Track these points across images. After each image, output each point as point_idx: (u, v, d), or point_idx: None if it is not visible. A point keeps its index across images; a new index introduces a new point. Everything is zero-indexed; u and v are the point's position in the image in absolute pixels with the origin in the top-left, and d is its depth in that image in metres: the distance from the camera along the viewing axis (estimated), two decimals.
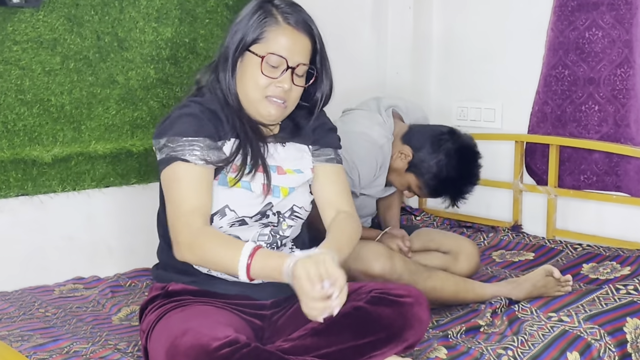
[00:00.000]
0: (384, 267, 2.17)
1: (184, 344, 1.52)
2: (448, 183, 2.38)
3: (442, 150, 2.35)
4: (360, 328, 1.63)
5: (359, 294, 1.69)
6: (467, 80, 3.28)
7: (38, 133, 2.43)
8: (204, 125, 1.70)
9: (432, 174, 2.36)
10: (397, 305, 1.66)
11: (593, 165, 2.86)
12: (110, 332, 2.04)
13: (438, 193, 2.43)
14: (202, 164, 1.67)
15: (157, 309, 1.75)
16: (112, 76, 2.56)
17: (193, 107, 1.72)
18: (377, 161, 2.37)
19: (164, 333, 1.62)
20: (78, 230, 2.56)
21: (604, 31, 2.78)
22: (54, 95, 2.45)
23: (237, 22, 1.76)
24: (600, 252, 2.67)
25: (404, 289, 1.71)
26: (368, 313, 1.64)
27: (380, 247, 2.24)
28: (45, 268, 2.48)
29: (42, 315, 2.15)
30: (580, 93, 2.86)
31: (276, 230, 1.79)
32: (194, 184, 1.66)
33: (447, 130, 2.41)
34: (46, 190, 2.47)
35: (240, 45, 1.73)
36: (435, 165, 2.35)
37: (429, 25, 3.37)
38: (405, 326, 1.66)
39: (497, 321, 2.05)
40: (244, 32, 1.73)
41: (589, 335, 1.94)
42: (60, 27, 2.43)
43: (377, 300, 1.67)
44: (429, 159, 2.36)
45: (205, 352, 1.49)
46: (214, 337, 1.51)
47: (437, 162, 2.35)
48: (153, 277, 1.87)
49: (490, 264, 2.70)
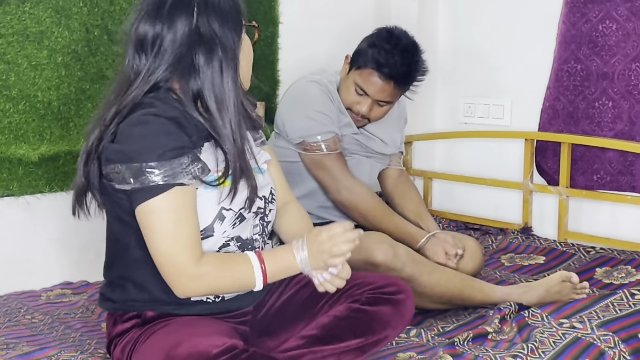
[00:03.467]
0: (386, 255, 2.18)
1: (180, 354, 1.52)
2: (385, 47, 2.43)
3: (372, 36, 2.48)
4: (360, 328, 1.71)
5: (351, 295, 1.77)
6: (475, 76, 3.28)
7: (24, 131, 2.43)
8: (180, 138, 1.59)
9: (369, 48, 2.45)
10: (393, 302, 1.76)
11: (607, 165, 2.86)
12: (100, 339, 2.03)
13: (359, 59, 2.47)
14: (196, 183, 1.61)
15: (133, 333, 1.71)
16: (101, 71, 2.56)
17: (156, 122, 1.58)
18: (326, 94, 2.45)
19: (152, 348, 1.61)
20: (66, 232, 2.55)
21: (618, 24, 2.78)
22: (40, 91, 2.45)
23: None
24: (614, 255, 2.66)
25: (395, 285, 1.80)
26: (367, 313, 1.73)
27: (382, 235, 2.25)
28: (32, 272, 2.48)
29: (28, 322, 2.15)
30: (594, 89, 2.86)
31: (262, 217, 1.79)
32: (192, 210, 1.61)
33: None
34: (33, 190, 2.46)
35: (240, 20, 1.71)
36: (367, 45, 2.46)
37: (435, 18, 3.37)
38: (402, 321, 1.78)
39: (505, 328, 2.05)
40: (233, 3, 1.70)
41: (603, 343, 1.93)
42: (47, 19, 2.43)
43: (374, 300, 1.75)
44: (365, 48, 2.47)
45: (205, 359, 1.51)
46: (212, 344, 1.53)
47: (368, 42, 2.47)
48: (110, 307, 1.75)
49: (499, 268, 2.70)
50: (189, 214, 1.60)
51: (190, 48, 1.63)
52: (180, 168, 1.58)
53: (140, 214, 1.60)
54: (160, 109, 1.61)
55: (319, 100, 2.45)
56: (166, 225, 1.58)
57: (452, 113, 3.36)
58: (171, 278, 1.61)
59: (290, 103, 2.50)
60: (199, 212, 1.63)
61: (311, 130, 2.42)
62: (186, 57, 1.63)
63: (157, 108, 1.61)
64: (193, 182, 1.60)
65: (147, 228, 1.60)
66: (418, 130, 3.35)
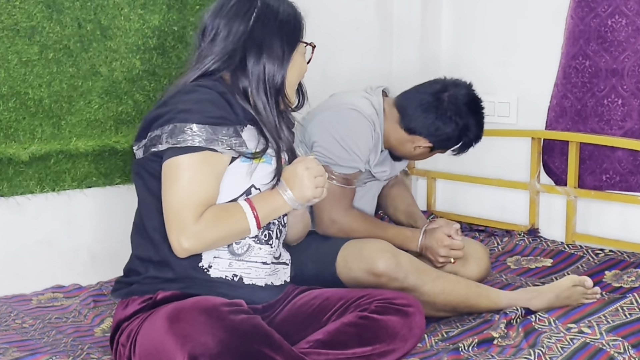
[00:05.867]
0: (388, 265, 2.18)
1: (188, 302, 1.69)
2: (458, 129, 2.45)
3: (443, 109, 2.44)
4: (367, 336, 1.78)
5: (360, 305, 1.85)
6: (479, 72, 3.27)
7: (14, 129, 2.43)
8: (226, 111, 1.80)
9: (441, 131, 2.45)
10: (402, 314, 1.85)
11: (616, 164, 2.86)
12: (92, 344, 2.03)
13: (449, 144, 2.50)
14: (228, 152, 1.78)
15: (139, 318, 1.79)
16: (94, 67, 2.56)
17: (207, 93, 1.80)
18: (370, 131, 2.41)
19: (158, 312, 1.72)
20: (57, 234, 2.55)
21: (628, 18, 2.78)
22: (31, 88, 2.44)
23: (280, 13, 1.89)
24: (623, 258, 2.66)
25: (405, 299, 1.90)
26: (376, 321, 1.81)
27: (384, 244, 2.25)
28: (22, 276, 2.48)
29: (18, 327, 2.15)
30: (603, 85, 2.86)
31: None
32: (212, 176, 1.77)
33: (439, 89, 2.49)
34: (23, 191, 2.46)
35: (296, 36, 1.90)
36: (440, 123, 2.44)
37: (438, 12, 3.37)
38: (410, 335, 1.85)
39: (512, 333, 2.05)
40: (295, 21, 1.91)
41: (612, 348, 1.94)
42: (38, 14, 2.43)
43: (382, 309, 1.83)
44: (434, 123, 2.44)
45: (213, 306, 1.66)
46: (217, 299, 1.72)
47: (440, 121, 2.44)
48: (126, 293, 1.87)
49: (505, 271, 2.70)
50: (209, 179, 1.77)
51: (242, 47, 1.85)
52: (217, 136, 1.76)
53: (165, 168, 1.78)
54: (211, 84, 1.82)
55: (359, 135, 2.39)
56: (182, 182, 1.75)
57: None
58: (173, 234, 1.75)
59: (329, 125, 2.40)
60: (230, 184, 1.81)
61: (339, 161, 2.37)
62: (236, 55, 1.85)
63: (207, 84, 1.82)
64: (227, 151, 1.77)
65: (165, 182, 1.78)
66: None
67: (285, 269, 1.97)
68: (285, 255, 1.98)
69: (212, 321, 1.64)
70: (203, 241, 1.76)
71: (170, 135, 1.76)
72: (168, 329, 1.65)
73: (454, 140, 2.48)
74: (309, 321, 1.87)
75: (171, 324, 1.65)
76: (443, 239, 2.41)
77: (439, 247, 2.41)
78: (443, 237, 2.41)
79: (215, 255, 1.83)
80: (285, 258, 1.97)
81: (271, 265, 1.90)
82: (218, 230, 1.76)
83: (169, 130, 1.76)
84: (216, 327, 1.63)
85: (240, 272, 1.85)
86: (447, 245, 2.40)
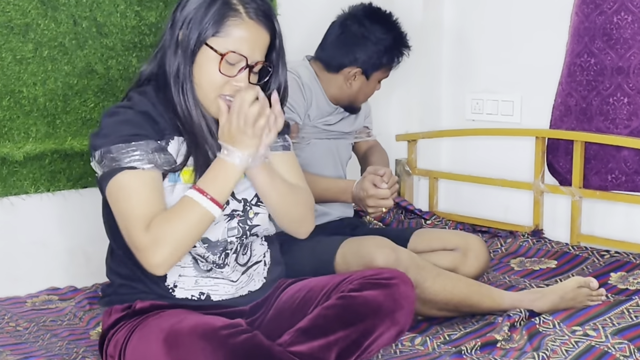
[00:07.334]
0: (387, 259, 2.18)
1: (185, 326, 1.65)
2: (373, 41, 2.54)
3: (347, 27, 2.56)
4: (348, 316, 1.73)
5: (339, 289, 1.80)
6: (483, 70, 3.28)
7: (8, 128, 2.43)
8: (142, 127, 1.73)
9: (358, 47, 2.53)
10: (383, 286, 1.78)
11: (622, 164, 2.86)
12: (87, 348, 2.03)
13: (374, 60, 2.56)
14: (151, 167, 1.72)
15: (125, 327, 1.77)
16: (90, 65, 2.56)
17: (124, 113, 1.75)
18: (297, 85, 2.46)
19: (151, 331, 1.69)
20: (52, 235, 2.56)
21: (634, 15, 2.78)
22: (26, 86, 2.45)
23: (193, 9, 1.76)
24: (629, 259, 2.66)
25: (388, 272, 1.84)
26: (354, 298, 1.75)
27: (383, 239, 2.25)
28: (16, 277, 2.48)
29: (12, 330, 2.15)
30: (608, 84, 2.86)
31: (244, 220, 1.85)
32: (146, 191, 1.71)
33: (341, 21, 2.60)
34: (17, 191, 2.47)
35: (200, 37, 1.74)
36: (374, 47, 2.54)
37: (440, 9, 3.37)
38: (396, 307, 1.77)
39: (515, 335, 2.05)
40: (201, 22, 1.74)
41: (618, 351, 1.93)
42: (32, 10, 2.43)
43: (360, 286, 1.78)
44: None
45: (211, 329, 1.63)
46: (216, 319, 1.68)
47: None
48: (106, 302, 1.87)
49: (508, 273, 2.70)
50: (143, 193, 1.70)
51: (166, 53, 1.79)
52: (128, 153, 1.70)
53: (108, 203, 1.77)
54: (135, 101, 1.78)
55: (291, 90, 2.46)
56: (120, 205, 1.72)
57: (459, 109, 3.35)
58: (138, 256, 1.70)
59: None
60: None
61: None
62: (157, 57, 1.82)
63: (132, 101, 1.79)
64: (148, 167, 1.71)
65: (114, 214, 1.75)
66: (423, 128, 3.35)
67: (259, 266, 1.91)
68: (259, 251, 1.92)
69: (212, 347, 1.61)
70: (164, 245, 1.67)
71: (98, 163, 1.74)
72: (166, 354, 1.63)
73: (376, 54, 2.55)
74: (295, 315, 1.82)
75: (169, 350, 1.63)
76: (368, 188, 2.32)
77: (365, 197, 2.33)
78: (368, 186, 2.32)
79: (181, 273, 1.80)
80: (258, 254, 1.91)
81: (241, 278, 1.86)
82: (173, 227, 1.67)
83: (95, 159, 1.75)
84: (217, 354, 1.61)
85: (207, 289, 1.82)
86: (372, 195, 2.31)
